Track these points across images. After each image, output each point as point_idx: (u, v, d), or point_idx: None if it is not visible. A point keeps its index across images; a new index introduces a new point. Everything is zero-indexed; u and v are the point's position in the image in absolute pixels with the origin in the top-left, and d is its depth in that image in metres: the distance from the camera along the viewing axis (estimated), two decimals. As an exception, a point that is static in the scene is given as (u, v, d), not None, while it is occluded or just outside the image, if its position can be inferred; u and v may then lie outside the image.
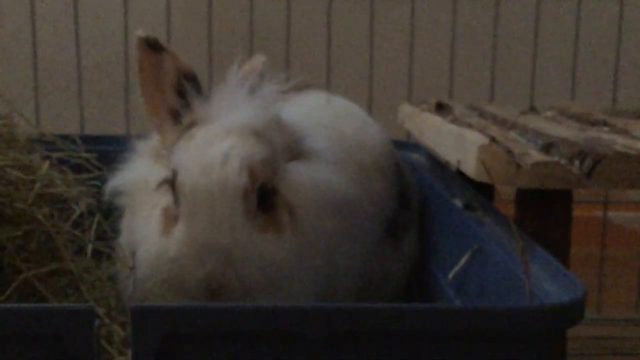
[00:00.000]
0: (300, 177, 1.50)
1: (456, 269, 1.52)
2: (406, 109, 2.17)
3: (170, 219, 1.41)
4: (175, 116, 1.51)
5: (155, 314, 1.02)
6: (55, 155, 1.77)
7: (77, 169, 1.82)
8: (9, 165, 1.55)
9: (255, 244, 1.36)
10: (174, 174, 1.41)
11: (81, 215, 1.70)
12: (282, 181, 1.45)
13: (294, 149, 1.54)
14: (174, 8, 2.44)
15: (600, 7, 2.92)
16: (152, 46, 1.51)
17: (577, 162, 1.37)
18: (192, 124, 1.48)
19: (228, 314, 1.04)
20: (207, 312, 1.04)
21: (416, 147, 2.22)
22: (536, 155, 1.41)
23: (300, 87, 2.01)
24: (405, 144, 2.25)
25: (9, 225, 1.48)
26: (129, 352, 1.07)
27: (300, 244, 1.45)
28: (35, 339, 1.02)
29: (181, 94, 1.51)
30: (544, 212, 1.51)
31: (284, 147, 1.51)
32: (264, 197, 1.41)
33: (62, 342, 1.01)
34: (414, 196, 1.95)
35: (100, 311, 1.36)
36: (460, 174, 1.91)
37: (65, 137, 1.95)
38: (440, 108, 2.03)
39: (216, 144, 1.40)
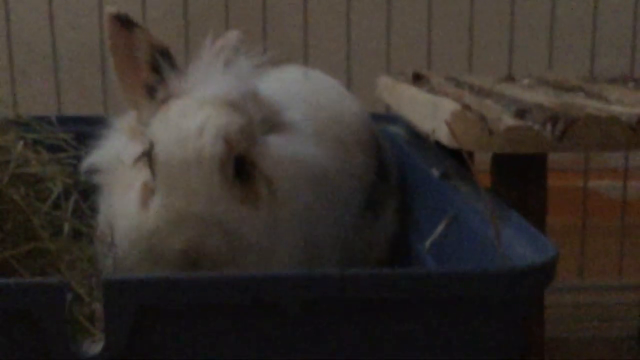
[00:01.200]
0: (278, 149, 1.49)
1: (432, 237, 1.53)
2: (384, 81, 2.17)
3: (147, 193, 1.41)
4: (151, 92, 1.51)
5: (127, 285, 1.02)
6: (31, 136, 1.76)
7: (54, 149, 1.82)
8: (-17, 146, 1.54)
9: (232, 215, 1.36)
10: (150, 146, 1.41)
11: (58, 195, 1.70)
12: (260, 153, 1.45)
13: (272, 122, 1.54)
14: (148, -15, 2.42)
15: (578, -25, 2.91)
16: (124, 22, 1.50)
17: (549, 126, 1.38)
18: (167, 98, 1.47)
19: (203, 285, 1.04)
20: (182, 283, 1.04)
21: (395, 119, 2.21)
22: (509, 121, 1.42)
23: (278, 62, 2.00)
24: (384, 117, 2.25)
25: (-17, 206, 1.47)
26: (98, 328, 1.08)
27: (278, 216, 1.45)
28: (7, 314, 1.02)
29: (155, 69, 1.50)
30: (519, 179, 1.52)
31: (261, 119, 1.50)
32: (241, 168, 1.41)
33: (33, 316, 1.00)
34: (393, 168, 1.95)
35: (82, 291, 1.36)
36: (438, 144, 1.91)
37: (42, 119, 1.95)
38: (418, 79, 2.03)
39: (191, 115, 1.40)
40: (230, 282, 1.05)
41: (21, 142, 1.62)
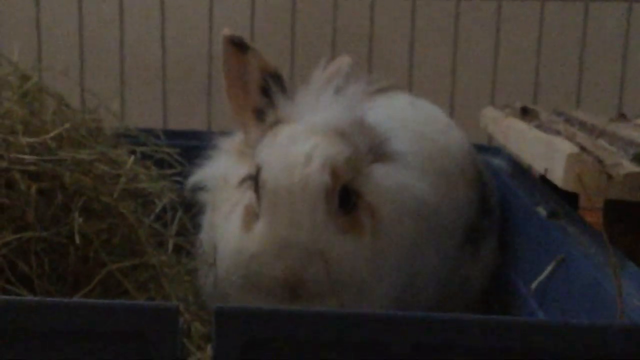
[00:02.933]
0: (383, 180, 1.48)
1: (540, 278, 1.49)
2: (490, 112, 2.13)
3: (251, 215, 1.42)
4: (260, 115, 1.52)
5: (238, 315, 1.02)
6: (140, 149, 1.79)
7: (160, 163, 1.85)
8: (97, 159, 1.58)
9: (335, 244, 1.35)
10: (257, 170, 1.41)
11: (163, 210, 1.73)
12: (365, 183, 1.44)
13: (378, 151, 1.53)
14: (258, 6, 2.45)
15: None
16: (238, 45, 1.52)
17: (671, 175, 1.32)
18: (276, 123, 1.48)
19: (311, 320, 1.03)
20: (291, 316, 1.03)
21: (497, 151, 2.18)
22: (628, 166, 1.37)
23: (385, 89, 2.00)
24: (487, 148, 2.21)
25: (95, 219, 1.50)
26: (208, 349, 1.08)
27: (381, 247, 1.43)
28: (120, 335, 1.03)
29: (265, 93, 1.52)
30: (635, 225, 1.46)
31: (367, 148, 1.50)
32: (345, 198, 1.40)
33: (146, 339, 1.01)
34: (495, 202, 1.91)
35: (180, 306, 1.37)
36: (543, 181, 1.87)
37: (149, 132, 1.98)
38: (525, 113, 1.98)
39: (300, 143, 1.40)
40: (340, 318, 1.04)
41: (132, 158, 1.65)
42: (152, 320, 1.01)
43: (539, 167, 1.56)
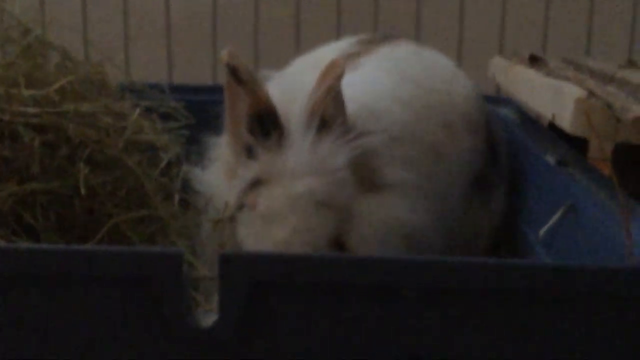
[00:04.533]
0: (371, 226, 1.43)
1: (548, 225, 1.48)
2: (498, 61, 2.10)
3: None
4: (248, 152, 1.44)
5: (243, 261, 1.02)
6: (145, 103, 1.78)
7: (165, 117, 1.83)
8: (100, 111, 1.57)
9: None
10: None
11: (168, 163, 1.72)
12: (352, 233, 1.40)
13: (369, 181, 1.47)
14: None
15: None
16: (232, 74, 1.41)
17: (682, 117, 1.30)
18: (257, 182, 1.41)
19: (317, 264, 1.03)
20: (296, 260, 1.03)
21: (506, 101, 2.16)
22: (637, 110, 1.35)
23: (389, 37, 1.97)
24: (496, 99, 2.19)
25: (100, 171, 1.49)
26: (215, 298, 1.08)
27: None
28: (125, 281, 1.03)
29: (252, 132, 1.42)
30: (644, 170, 1.45)
31: (358, 182, 1.44)
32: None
33: (151, 284, 1.01)
34: (504, 151, 1.89)
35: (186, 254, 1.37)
36: (552, 129, 1.85)
37: (154, 86, 1.96)
38: (534, 61, 1.96)
39: (277, 225, 1.36)
40: (346, 262, 1.04)
41: (137, 110, 1.64)
42: (158, 266, 1.01)
43: (547, 113, 1.54)
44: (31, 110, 1.46)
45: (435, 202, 1.59)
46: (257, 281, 1.01)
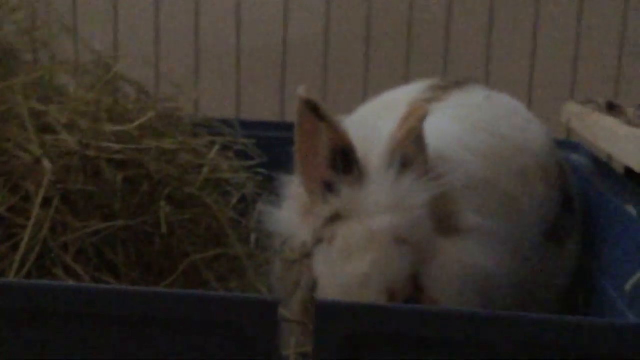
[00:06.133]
0: (447, 267, 1.42)
1: (634, 279, 1.44)
2: (572, 107, 2.08)
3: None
4: (327, 188, 1.43)
5: (339, 310, 1.01)
6: (220, 140, 1.78)
7: (237, 154, 1.84)
8: (180, 148, 1.58)
9: None
10: (314, 285, 1.39)
11: (242, 201, 1.72)
12: (427, 274, 1.39)
13: (446, 224, 1.45)
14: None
15: None
16: (314, 111, 1.41)
17: None
18: (335, 217, 1.40)
19: (410, 316, 1.02)
20: (391, 312, 1.02)
21: (576, 146, 2.13)
22: None
23: (461, 83, 1.96)
24: (565, 143, 2.16)
25: (178, 208, 1.50)
26: (308, 346, 1.07)
27: None
28: (219, 328, 1.02)
29: (333, 167, 1.42)
30: None
31: (436, 224, 1.43)
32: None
33: (245, 333, 1.00)
34: (577, 199, 1.86)
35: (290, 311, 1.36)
36: (628, 177, 1.82)
37: (225, 122, 1.97)
38: (612, 108, 1.93)
39: (356, 259, 1.35)
40: (443, 316, 1.02)
41: (215, 148, 1.64)
42: (252, 314, 1.00)
43: (634, 164, 1.51)
44: (115, 146, 1.47)
45: (510, 250, 1.57)
46: (352, 331, 1.00)
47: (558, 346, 1.03)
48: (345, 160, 1.41)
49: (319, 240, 1.42)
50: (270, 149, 1.91)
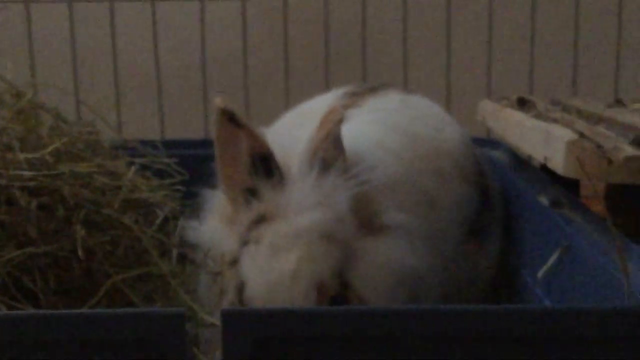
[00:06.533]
0: (373, 264, 1.45)
1: (545, 267, 1.48)
2: (487, 105, 2.13)
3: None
4: (248, 194, 1.47)
5: (245, 316, 1.02)
6: (139, 161, 1.79)
7: (160, 173, 1.84)
8: (95, 171, 1.57)
9: None
10: (241, 285, 1.41)
11: (164, 219, 1.72)
12: (354, 271, 1.42)
13: (370, 224, 1.49)
14: (249, 11, 2.44)
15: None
16: (230, 119, 1.44)
17: (672, 156, 1.32)
18: (261, 219, 1.43)
19: (319, 318, 1.03)
20: (298, 315, 1.03)
21: (496, 144, 2.18)
22: (628, 150, 1.37)
23: (375, 88, 1.99)
24: (486, 141, 2.21)
25: (97, 231, 1.49)
26: (216, 355, 1.08)
27: None
28: (127, 343, 1.03)
29: (254, 173, 1.45)
30: (637, 209, 1.46)
31: (358, 223, 1.47)
32: (334, 302, 1.39)
33: (153, 346, 1.01)
34: (496, 195, 1.91)
35: (187, 312, 1.36)
36: (544, 170, 1.87)
37: (147, 143, 1.98)
38: (522, 103, 1.98)
39: (283, 256, 1.38)
40: (347, 315, 1.04)
41: (132, 168, 1.65)
42: (159, 327, 1.01)
43: (538, 156, 1.55)
44: (27, 173, 1.46)
45: (432, 246, 1.61)
46: (260, 336, 1.01)
47: (475, 335, 1.04)
48: (265, 165, 1.44)
49: (244, 243, 1.44)
50: (194, 166, 1.92)
